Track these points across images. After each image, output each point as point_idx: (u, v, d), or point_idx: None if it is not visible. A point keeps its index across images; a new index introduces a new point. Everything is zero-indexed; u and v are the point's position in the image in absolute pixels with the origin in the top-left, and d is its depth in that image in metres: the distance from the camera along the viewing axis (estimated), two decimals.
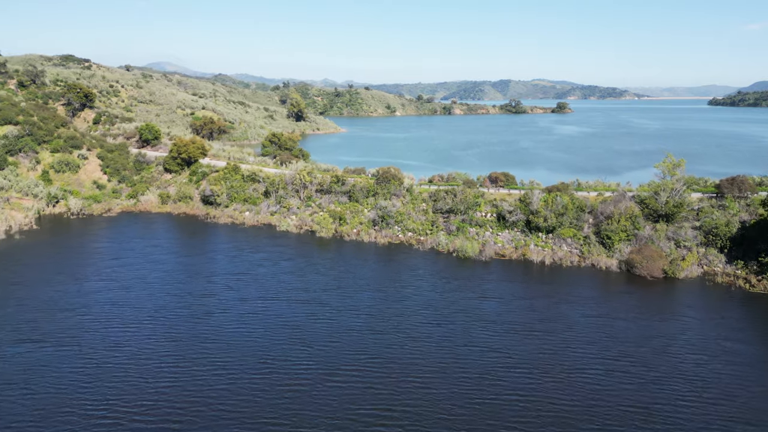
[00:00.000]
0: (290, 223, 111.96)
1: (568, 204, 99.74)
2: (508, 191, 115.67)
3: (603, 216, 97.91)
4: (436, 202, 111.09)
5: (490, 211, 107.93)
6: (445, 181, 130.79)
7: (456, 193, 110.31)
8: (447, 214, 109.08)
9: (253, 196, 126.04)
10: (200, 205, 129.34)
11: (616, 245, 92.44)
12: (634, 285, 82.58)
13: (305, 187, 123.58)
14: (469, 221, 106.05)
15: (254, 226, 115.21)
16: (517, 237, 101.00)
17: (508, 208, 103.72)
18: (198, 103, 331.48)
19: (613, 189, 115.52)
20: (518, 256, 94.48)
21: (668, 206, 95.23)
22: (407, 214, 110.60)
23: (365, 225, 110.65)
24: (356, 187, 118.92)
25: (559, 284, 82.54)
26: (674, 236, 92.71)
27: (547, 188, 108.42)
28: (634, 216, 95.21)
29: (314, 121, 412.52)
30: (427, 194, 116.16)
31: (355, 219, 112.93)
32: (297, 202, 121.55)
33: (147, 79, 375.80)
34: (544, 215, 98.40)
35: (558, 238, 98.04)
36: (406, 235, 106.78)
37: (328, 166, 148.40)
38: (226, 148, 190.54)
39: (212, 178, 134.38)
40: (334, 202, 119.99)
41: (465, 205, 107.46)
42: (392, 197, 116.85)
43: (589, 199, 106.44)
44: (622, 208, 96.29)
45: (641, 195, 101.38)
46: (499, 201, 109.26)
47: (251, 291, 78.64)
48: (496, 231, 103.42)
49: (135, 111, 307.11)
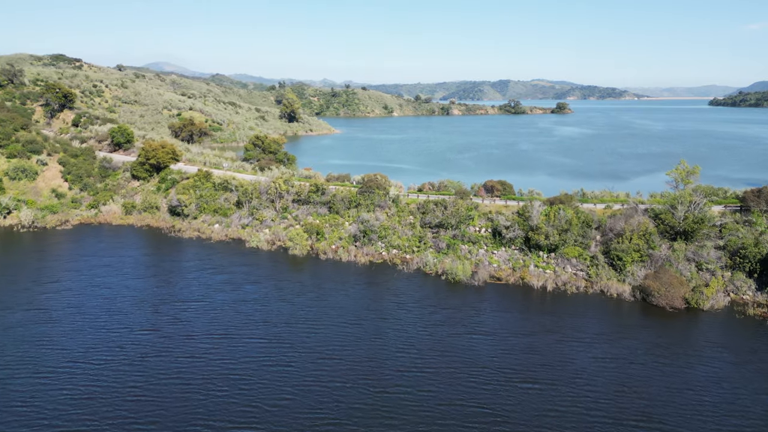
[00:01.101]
0: (261, 239, 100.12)
1: (573, 218, 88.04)
2: (504, 202, 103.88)
3: (612, 233, 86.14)
4: (425, 215, 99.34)
5: (485, 226, 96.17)
6: (436, 189, 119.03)
7: (447, 204, 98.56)
8: (436, 229, 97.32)
9: (223, 207, 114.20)
10: (167, 217, 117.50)
11: (628, 267, 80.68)
12: (652, 317, 70.78)
13: (281, 196, 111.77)
14: (461, 237, 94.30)
15: (222, 241, 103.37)
16: (515, 256, 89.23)
17: (504, 222, 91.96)
18: (185, 103, 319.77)
19: (622, 200, 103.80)
20: (516, 280, 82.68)
21: (687, 222, 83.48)
22: (392, 229, 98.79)
23: (345, 241, 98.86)
24: (337, 198, 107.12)
25: (563, 315, 70.76)
26: (695, 257, 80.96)
27: (549, 200, 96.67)
28: (648, 233, 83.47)
29: (307, 122, 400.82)
30: (415, 206, 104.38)
31: (334, 233, 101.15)
32: (271, 214, 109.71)
33: (133, 79, 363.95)
34: (546, 232, 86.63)
35: (561, 258, 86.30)
36: (391, 252, 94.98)
37: (311, 173, 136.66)
38: (205, 152, 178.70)
39: (181, 186, 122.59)
40: (312, 213, 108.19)
41: (457, 219, 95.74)
42: (376, 209, 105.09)
43: (596, 212, 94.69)
44: (634, 223, 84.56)
45: (655, 208, 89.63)
46: (495, 214, 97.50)
47: (201, 325, 66.83)
48: (492, 249, 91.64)
49: (118, 112, 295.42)
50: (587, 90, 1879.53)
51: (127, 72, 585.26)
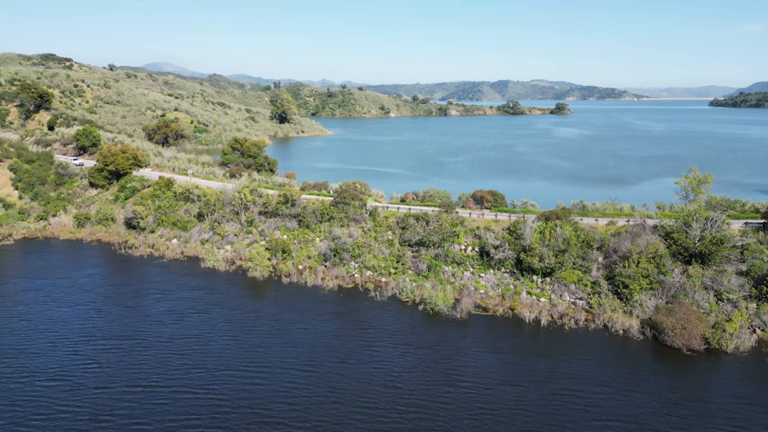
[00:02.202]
0: (219, 257, 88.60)
1: (571, 237, 76.62)
2: (495, 216, 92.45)
3: (617, 255, 74.73)
4: (405, 231, 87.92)
5: (472, 244, 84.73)
6: (420, 199, 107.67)
7: (429, 219, 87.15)
8: (417, 247, 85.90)
9: (183, 219, 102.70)
10: (123, 230, 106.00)
11: (636, 296, 69.29)
12: (666, 361, 59.36)
13: (246, 208, 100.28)
14: (443, 257, 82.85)
15: (176, 259, 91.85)
16: (505, 280, 77.79)
17: (493, 241, 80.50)
18: (170, 104, 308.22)
19: (627, 214, 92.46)
20: (504, 311, 71.15)
21: (703, 243, 72.05)
22: (367, 246, 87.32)
23: (314, 260, 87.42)
24: (307, 210, 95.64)
25: (558, 359, 59.36)
26: (713, 285, 69.58)
27: (544, 214, 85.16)
28: (659, 256, 72.09)
29: (299, 123, 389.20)
30: (394, 219, 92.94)
31: (302, 251, 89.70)
32: (235, 228, 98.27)
33: (117, 79, 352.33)
34: (540, 253, 75.18)
35: (558, 284, 74.90)
36: (364, 274, 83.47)
37: (285, 180, 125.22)
38: (179, 156, 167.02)
39: (140, 196, 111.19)
40: (280, 227, 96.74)
41: (440, 236, 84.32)
42: (351, 223, 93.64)
43: (598, 229, 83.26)
44: (642, 244, 73.16)
45: (666, 226, 78.18)
46: (483, 230, 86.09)
47: (122, 372, 55.40)
48: (479, 271, 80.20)
49: (99, 113, 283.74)
50: (587, 90, 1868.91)
51: (118, 72, 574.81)
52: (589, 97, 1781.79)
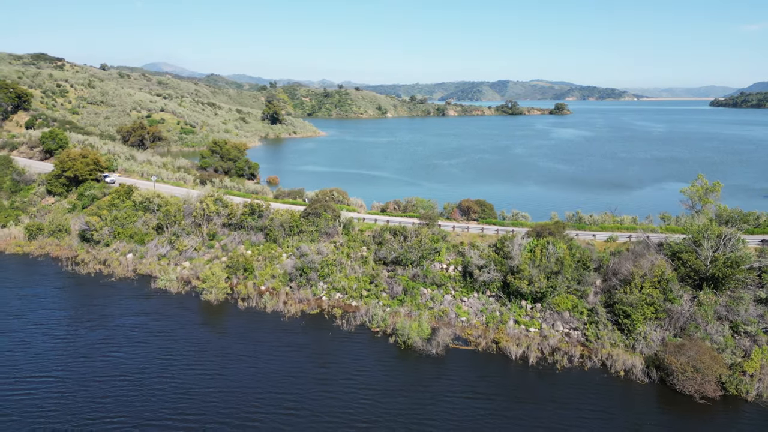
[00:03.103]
0: (172, 277, 79.22)
1: (565, 257, 67.36)
2: (481, 229, 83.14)
3: (617, 278, 65.53)
4: (380, 247, 78.66)
5: (454, 262, 75.49)
6: (402, 209, 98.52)
7: (407, 234, 77.91)
8: (393, 266, 76.66)
9: (140, 232, 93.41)
10: (76, 243, 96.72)
11: (639, 328, 60.07)
12: (676, 411, 50.11)
13: (209, 219, 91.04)
14: (422, 277, 73.59)
15: (126, 278, 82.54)
16: (490, 306, 68.53)
17: (477, 260, 71.23)
18: (157, 104, 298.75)
19: (628, 227, 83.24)
20: (488, 344, 61.75)
21: (716, 265, 62.80)
22: (338, 265, 78.04)
23: (278, 280, 78.15)
24: (275, 222, 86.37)
25: (547, 406, 50.12)
26: (728, 314, 60.37)
27: (536, 228, 75.78)
28: (665, 280, 62.87)
29: (291, 124, 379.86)
30: (370, 233, 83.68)
31: (266, 269, 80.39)
32: (195, 242, 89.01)
33: (102, 79, 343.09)
34: (529, 275, 65.91)
35: (550, 311, 65.68)
36: (333, 297, 74.18)
37: (258, 187, 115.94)
38: (153, 160, 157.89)
39: (97, 205, 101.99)
40: (244, 242, 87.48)
41: (419, 253, 75.10)
42: (322, 237, 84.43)
43: (595, 246, 74.03)
44: (646, 265, 63.96)
45: (672, 244, 68.85)
46: (468, 247, 76.87)
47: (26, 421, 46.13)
48: (461, 294, 70.97)
49: (82, 113, 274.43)
50: (586, 90, 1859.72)
51: (110, 72, 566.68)
52: (589, 97, 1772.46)
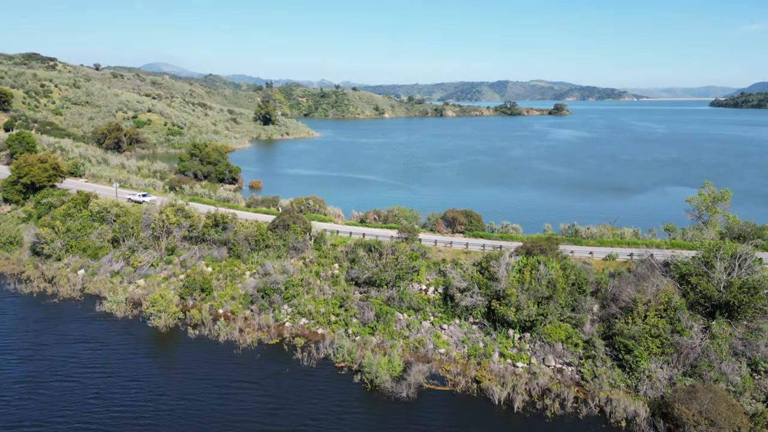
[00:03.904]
0: (120, 299, 70.92)
1: (558, 279, 59.19)
2: (466, 245, 74.88)
3: (617, 305, 57.39)
4: (353, 265, 70.49)
5: (435, 283, 67.34)
6: (382, 220, 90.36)
7: (382, 251, 69.73)
8: (366, 287, 68.48)
9: (94, 246, 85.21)
10: (27, 257, 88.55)
11: (643, 365, 51.93)
12: None
13: (169, 232, 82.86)
14: (398, 301, 65.41)
15: (72, 299, 74.30)
16: (473, 335, 60.36)
17: (459, 282, 63.04)
18: (144, 104, 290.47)
19: (629, 242, 75.05)
20: (468, 384, 53.43)
21: (731, 291, 54.64)
22: (305, 285, 69.83)
23: (239, 302, 69.94)
24: (239, 236, 78.17)
25: None
26: (746, 350, 52.23)
27: (525, 245, 67.52)
28: (672, 308, 54.73)
29: (284, 125, 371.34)
30: (344, 248, 75.47)
31: (226, 290, 72.20)
32: (153, 256, 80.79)
33: (89, 78, 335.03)
34: (517, 301, 57.75)
35: (541, 342, 57.52)
36: (297, 323, 65.92)
37: (230, 194, 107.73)
38: (128, 164, 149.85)
39: (52, 215, 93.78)
40: (205, 257, 79.28)
41: (395, 272, 66.96)
42: (291, 252, 76.23)
43: (592, 265, 65.90)
44: (651, 290, 55.82)
45: (681, 265, 60.65)
46: (450, 265, 68.71)
47: None
48: (441, 320, 62.79)
49: (65, 114, 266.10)
50: (586, 90, 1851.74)
51: (104, 71, 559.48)
52: (589, 97, 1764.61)
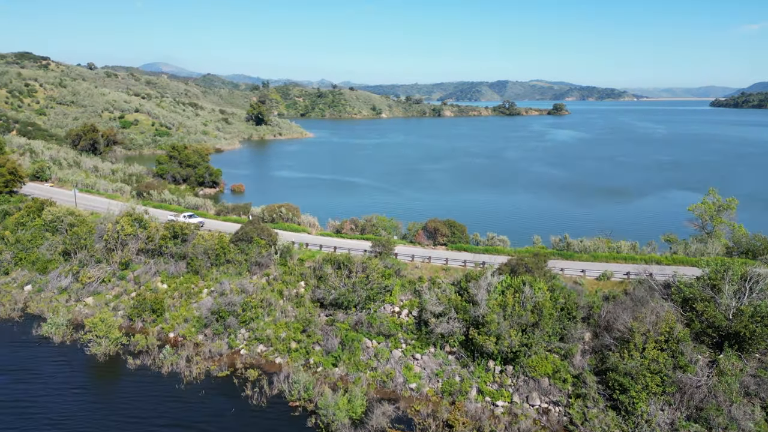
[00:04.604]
0: (60, 321, 63.76)
1: (545, 303, 52.20)
2: (445, 260, 67.75)
3: (612, 335, 50.40)
4: (320, 283, 63.52)
5: (409, 304, 60.37)
6: (359, 230, 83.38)
7: (352, 268, 62.72)
8: (333, 309, 61.50)
9: (44, 258, 78.20)
10: None
11: (641, 406, 44.95)
12: None
13: (124, 244, 75.87)
14: (367, 325, 58.41)
15: (9, 319, 67.21)
16: (449, 366, 53.35)
17: (434, 306, 56.03)
18: (131, 104, 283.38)
19: (626, 257, 68.03)
20: (437, 429, 46.34)
21: (742, 320, 47.65)
22: (266, 306, 62.87)
23: (192, 324, 62.95)
24: (198, 249, 71.16)
25: None
26: (759, 389, 45.23)
27: (510, 262, 60.48)
28: (675, 339, 47.77)
29: (277, 125, 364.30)
30: (312, 263, 68.47)
31: (180, 310, 65.22)
32: (105, 271, 73.78)
33: (75, 77, 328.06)
34: (497, 330, 50.77)
35: (525, 376, 50.52)
36: (254, 351, 58.82)
37: (200, 201, 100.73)
38: (102, 166, 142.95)
39: (4, 224, 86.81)
40: (161, 272, 72.26)
41: (366, 292, 59.99)
42: (254, 268, 69.24)
43: (584, 286, 58.92)
44: (650, 318, 48.84)
45: (684, 287, 53.61)
46: (426, 284, 61.76)
47: None
48: (414, 349, 55.77)
49: (49, 114, 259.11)
50: (586, 90, 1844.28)
51: (98, 71, 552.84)
52: (589, 97, 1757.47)
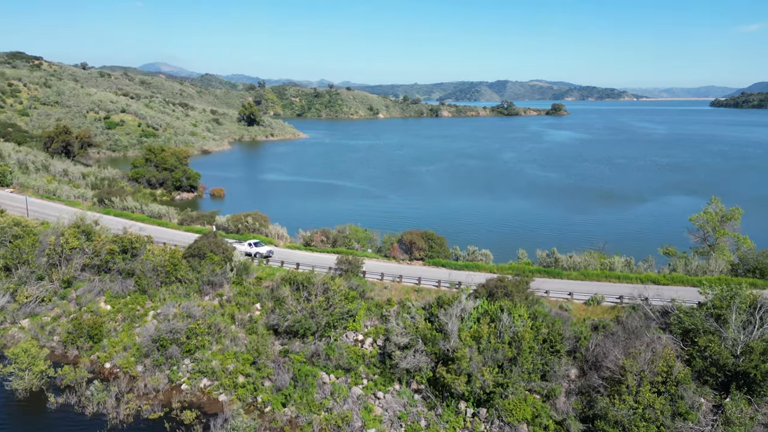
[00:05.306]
0: None
1: (525, 334, 45.31)
2: (418, 279, 60.66)
3: (600, 374, 43.49)
4: (276, 307, 56.60)
5: (374, 332, 53.45)
6: (330, 242, 76.47)
7: (311, 290, 55.74)
8: (288, 337, 54.59)
9: None
10: None
11: None
12: None
13: (68, 259, 68.97)
14: (324, 357, 51.54)
15: None
16: (415, 408, 46.43)
17: (399, 336, 49.11)
18: (117, 104, 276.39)
19: (619, 275, 61.11)
20: None
21: (751, 358, 40.77)
22: (215, 333, 55.96)
23: (132, 353, 56.04)
24: (146, 266, 64.26)
25: None
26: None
27: (488, 286, 53.46)
28: (674, 380, 40.90)
29: (269, 126, 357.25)
30: (271, 283, 61.57)
31: (122, 336, 58.37)
32: (46, 290, 66.84)
33: (60, 77, 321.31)
34: (468, 367, 43.86)
35: (500, 420, 43.58)
36: (196, 386, 51.86)
37: (164, 209, 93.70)
38: (72, 170, 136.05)
39: None
40: (106, 291, 65.37)
41: (326, 317, 53.11)
42: (205, 288, 62.36)
43: (572, 312, 52.01)
44: (644, 357, 41.97)
45: (685, 318, 46.54)
46: (395, 307, 54.86)
47: None
48: (377, 385, 48.83)
49: (33, 114, 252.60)
50: (586, 90, 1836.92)
51: (90, 71, 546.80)
52: (589, 97, 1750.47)
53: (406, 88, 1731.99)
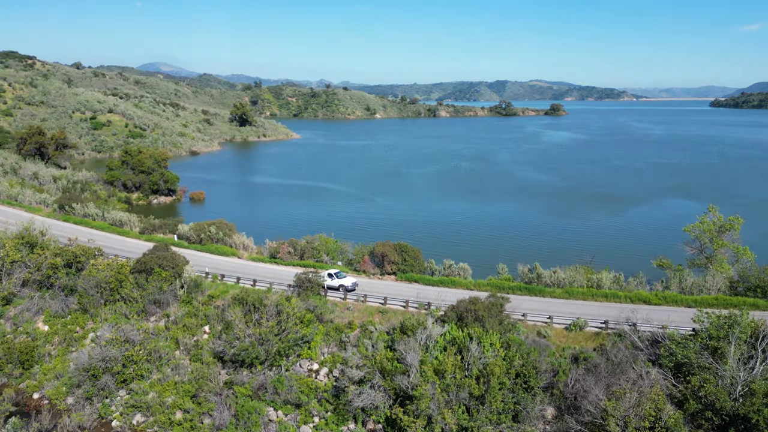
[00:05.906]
0: None
1: (495, 367, 39.60)
2: (384, 299, 54.83)
3: (579, 418, 37.78)
4: (224, 331, 50.91)
5: (330, 360, 47.74)
6: (298, 254, 70.73)
7: (263, 311, 50.06)
8: (235, 367, 48.89)
9: None
10: None
11: None
12: None
13: (9, 274, 63.30)
14: (272, 391, 45.86)
15: None
16: None
17: (354, 370, 43.40)
18: (105, 104, 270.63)
19: (606, 293, 55.37)
20: None
21: (753, 403, 35.06)
22: (155, 360, 50.28)
23: (65, 381, 50.34)
24: (89, 283, 58.57)
25: None
26: None
27: (458, 310, 47.66)
28: (663, 425, 35.20)
29: (261, 126, 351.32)
30: (223, 302, 55.85)
31: (56, 362, 52.69)
32: None
33: (47, 76, 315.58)
34: (428, 409, 38.16)
35: None
36: (128, 421, 46.09)
37: (125, 216, 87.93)
38: (43, 173, 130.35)
39: None
40: (46, 310, 59.69)
41: (277, 344, 47.41)
42: (150, 308, 56.65)
43: (551, 339, 46.31)
44: (630, 398, 36.28)
45: (677, 349, 40.75)
46: (356, 333, 49.22)
47: None
48: (328, 424, 43.16)
49: (17, 115, 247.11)
50: (585, 90, 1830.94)
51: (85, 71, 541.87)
52: (588, 97, 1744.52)
53: (405, 88, 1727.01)
